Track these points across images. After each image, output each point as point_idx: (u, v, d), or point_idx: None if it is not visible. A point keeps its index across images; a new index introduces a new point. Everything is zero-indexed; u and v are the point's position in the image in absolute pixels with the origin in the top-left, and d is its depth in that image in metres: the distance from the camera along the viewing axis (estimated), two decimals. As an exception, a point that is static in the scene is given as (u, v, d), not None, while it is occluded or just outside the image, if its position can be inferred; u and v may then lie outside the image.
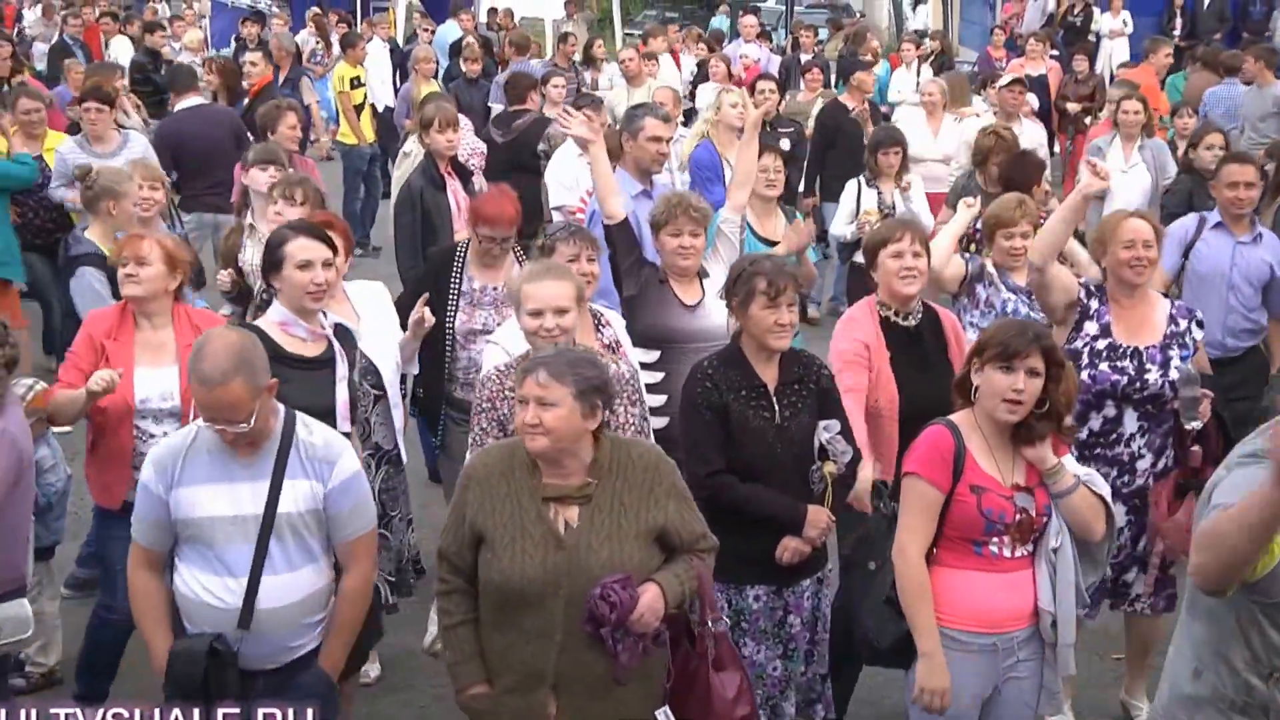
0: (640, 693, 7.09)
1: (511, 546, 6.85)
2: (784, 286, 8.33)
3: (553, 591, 6.80)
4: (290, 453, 6.91)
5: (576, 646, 6.80)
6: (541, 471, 6.94)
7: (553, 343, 8.10)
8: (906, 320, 9.31)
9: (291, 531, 6.89)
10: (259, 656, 6.91)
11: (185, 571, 6.99)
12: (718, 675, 7.27)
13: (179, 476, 6.93)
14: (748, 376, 8.52)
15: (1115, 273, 9.57)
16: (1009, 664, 7.55)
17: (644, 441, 7.54)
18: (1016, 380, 7.12)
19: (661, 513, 7.06)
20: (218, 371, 6.60)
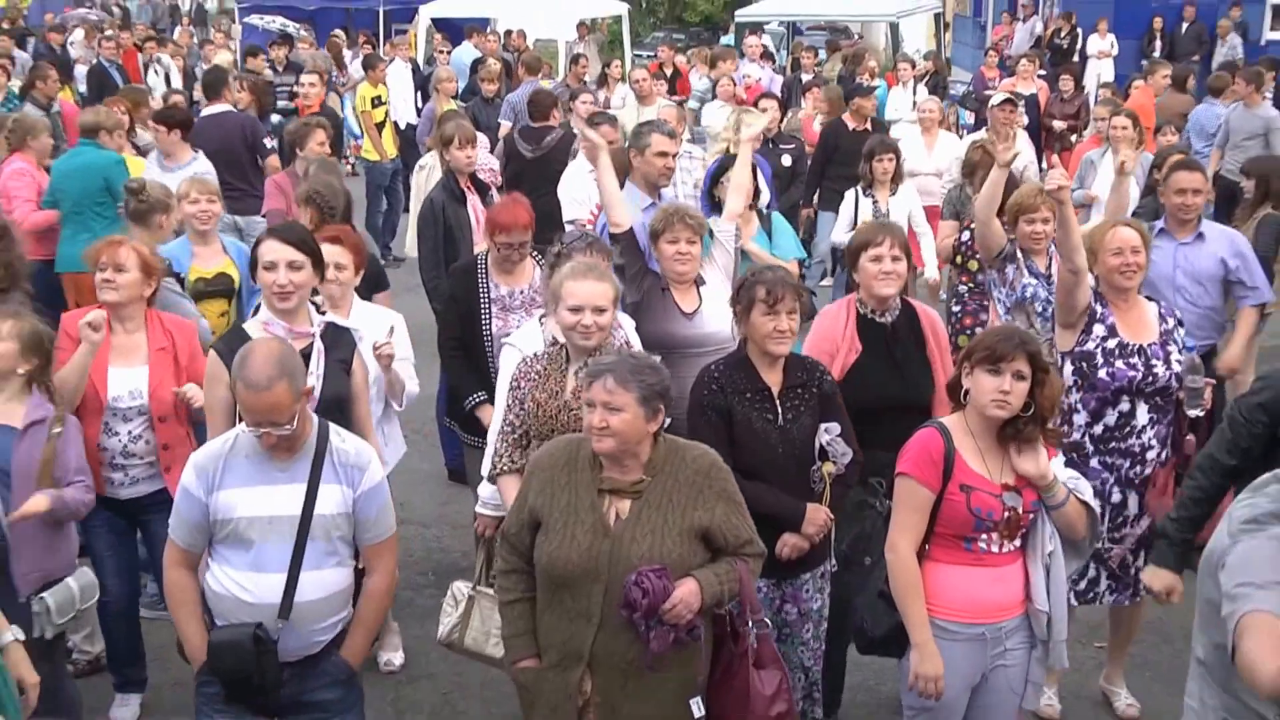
0: (673, 681, 7.12)
1: (563, 531, 6.99)
2: (782, 295, 8.43)
3: (594, 576, 6.93)
4: (325, 459, 7.01)
5: (612, 630, 6.91)
6: (601, 467, 7.09)
7: (587, 339, 8.35)
8: (883, 318, 9.40)
9: (324, 532, 6.98)
10: (293, 648, 7.00)
11: (219, 569, 7.06)
12: (758, 673, 7.34)
13: (219, 480, 7.01)
14: (752, 380, 8.61)
15: (1107, 279, 9.70)
16: (997, 652, 7.65)
17: (700, 446, 7.47)
18: (1003, 382, 7.23)
19: (708, 514, 7.12)
20: (263, 377, 6.71)
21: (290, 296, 8.61)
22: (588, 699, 7.05)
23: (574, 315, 8.33)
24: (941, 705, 7.63)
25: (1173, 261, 11.49)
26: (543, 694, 7.19)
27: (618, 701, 7.01)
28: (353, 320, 9.77)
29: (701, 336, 9.93)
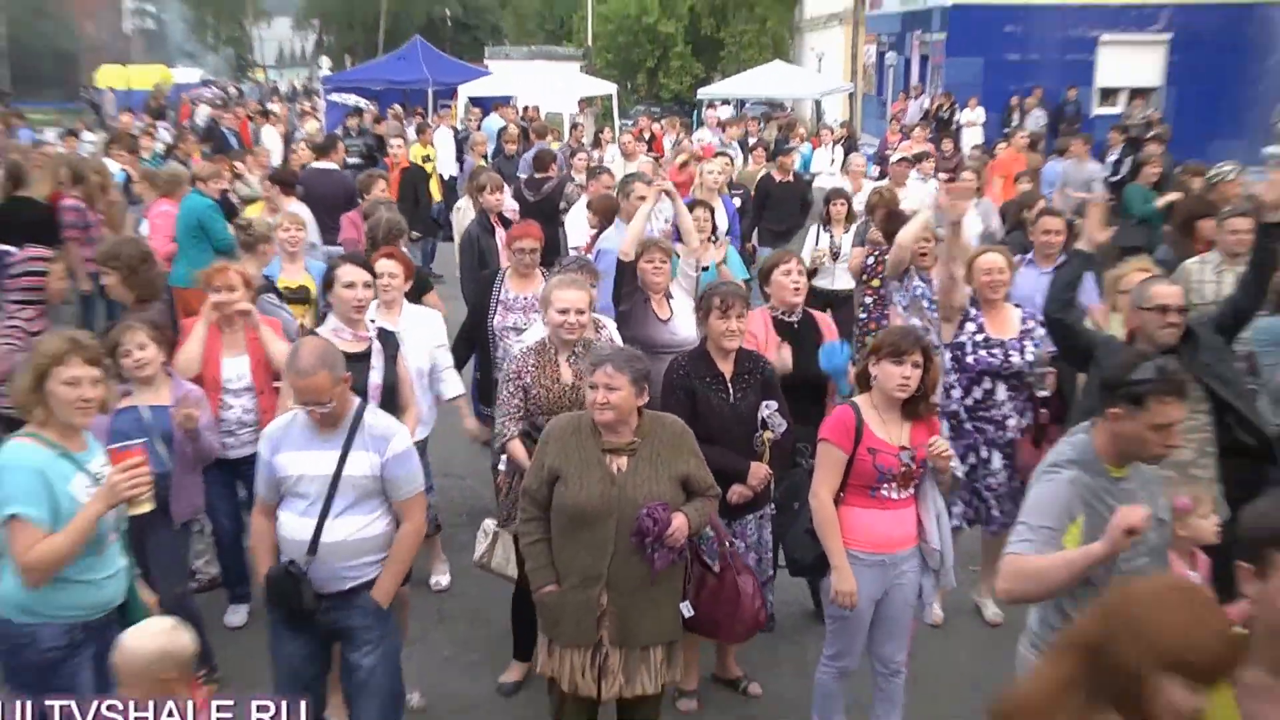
0: (667, 591, 7.42)
1: (579, 481, 7.16)
2: (733, 303, 8.68)
3: (607, 515, 7.12)
4: (357, 432, 7.06)
5: (623, 555, 7.13)
6: (601, 434, 7.25)
7: (570, 334, 8.64)
8: (790, 318, 9.68)
9: (353, 489, 7.00)
10: (323, 579, 7.01)
11: (280, 515, 7.15)
12: (739, 577, 7.89)
13: (280, 445, 7.13)
14: (710, 368, 8.79)
15: (979, 291, 10.19)
16: (894, 574, 7.83)
17: (672, 416, 7.75)
18: (905, 370, 7.51)
19: (685, 465, 7.38)
20: (309, 366, 6.82)
21: (364, 309, 8.97)
22: (604, 610, 7.21)
23: (560, 316, 8.62)
24: (854, 615, 7.83)
25: (1034, 286, 11.40)
26: (566, 611, 7.27)
27: (627, 610, 7.20)
28: (403, 318, 10.07)
29: (672, 339, 10.11)
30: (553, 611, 7.38)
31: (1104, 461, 6.18)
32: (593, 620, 7.24)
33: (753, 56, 66.90)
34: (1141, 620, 3.80)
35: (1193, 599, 3.83)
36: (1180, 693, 3.75)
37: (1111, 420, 6.13)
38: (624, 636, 7.27)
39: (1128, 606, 3.89)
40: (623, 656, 7.29)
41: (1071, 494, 6.04)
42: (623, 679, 7.31)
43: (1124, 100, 43.51)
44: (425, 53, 49.32)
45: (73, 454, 6.53)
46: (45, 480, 6.28)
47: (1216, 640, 3.75)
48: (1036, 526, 6.01)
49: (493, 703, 9.23)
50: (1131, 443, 6.09)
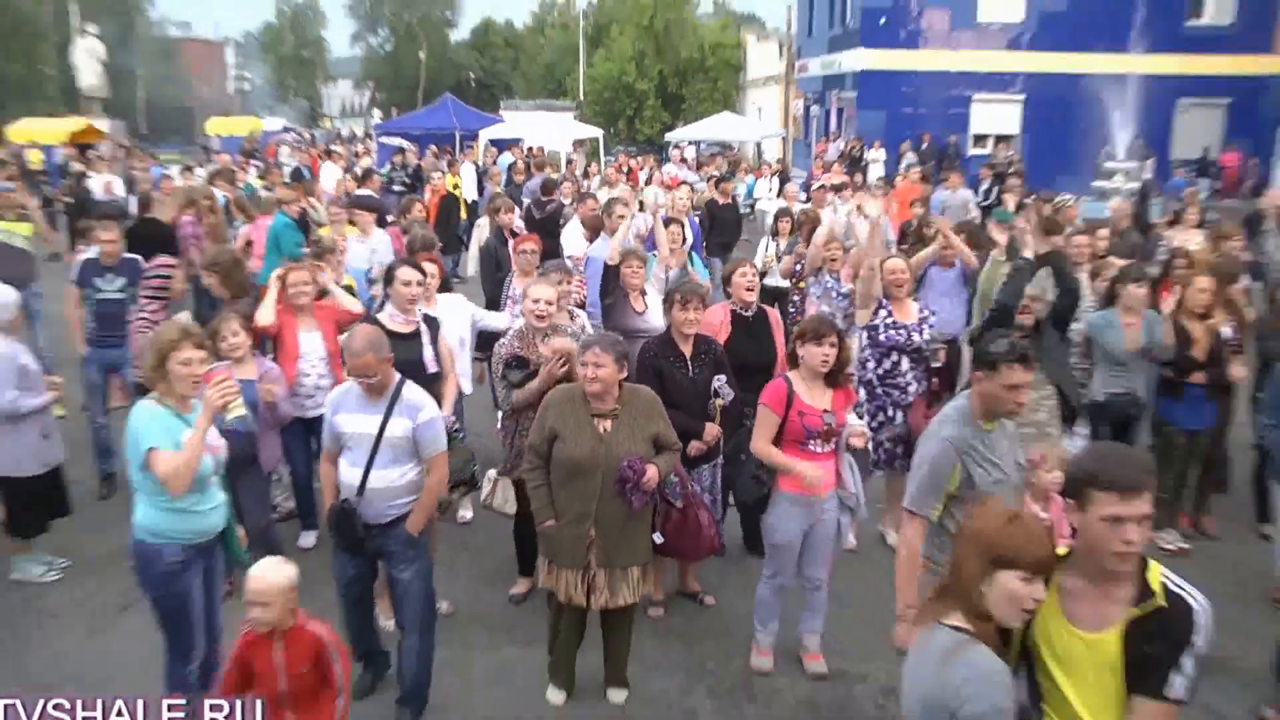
0: (641, 525, 7.52)
1: (574, 438, 7.26)
2: (690, 299, 8.80)
3: (596, 466, 7.22)
4: (396, 403, 7.14)
5: (608, 498, 7.23)
6: (590, 402, 7.29)
7: (541, 321, 8.78)
8: (746, 312, 9.67)
9: (390, 446, 7.10)
10: (369, 514, 7.14)
11: (340, 463, 7.25)
12: (697, 511, 8.03)
13: (339, 408, 7.26)
14: (674, 349, 8.85)
15: (886, 288, 10.22)
16: (818, 511, 7.84)
17: (645, 388, 7.85)
18: (824, 349, 7.63)
19: (655, 426, 7.46)
20: (360, 349, 6.97)
21: (416, 300, 9.13)
22: (591, 540, 7.28)
23: (534, 305, 8.77)
24: (785, 544, 7.91)
25: (942, 289, 12.05)
26: (563, 541, 7.36)
27: (610, 540, 7.31)
28: (439, 305, 10.15)
29: (647, 327, 10.06)
30: (552, 541, 7.44)
31: (976, 417, 6.47)
32: (583, 548, 7.31)
33: (708, 109, 67.33)
34: (980, 531, 4.06)
35: (1019, 516, 4.07)
36: (1016, 583, 3.97)
37: (976, 383, 6.49)
38: (608, 560, 7.35)
39: (971, 524, 4.16)
40: (607, 575, 7.37)
41: (949, 451, 6.37)
42: (608, 593, 7.40)
43: (991, 144, 44.19)
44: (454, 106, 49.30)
45: (183, 415, 6.68)
46: (165, 429, 6.50)
47: (1038, 543, 3.99)
48: (923, 481, 6.48)
49: (505, 609, 9.21)
50: (990, 400, 6.42)
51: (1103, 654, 4.20)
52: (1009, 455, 6.49)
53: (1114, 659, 4.18)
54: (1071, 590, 4.29)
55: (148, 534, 6.58)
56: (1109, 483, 4.08)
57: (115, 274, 11.69)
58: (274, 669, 5.95)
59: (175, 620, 6.72)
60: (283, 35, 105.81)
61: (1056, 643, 4.30)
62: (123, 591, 9.17)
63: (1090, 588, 4.25)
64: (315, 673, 6.01)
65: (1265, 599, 9.29)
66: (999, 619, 4.04)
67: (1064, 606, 4.29)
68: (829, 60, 53.11)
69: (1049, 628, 4.27)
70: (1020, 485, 6.65)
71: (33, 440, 9.45)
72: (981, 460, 6.35)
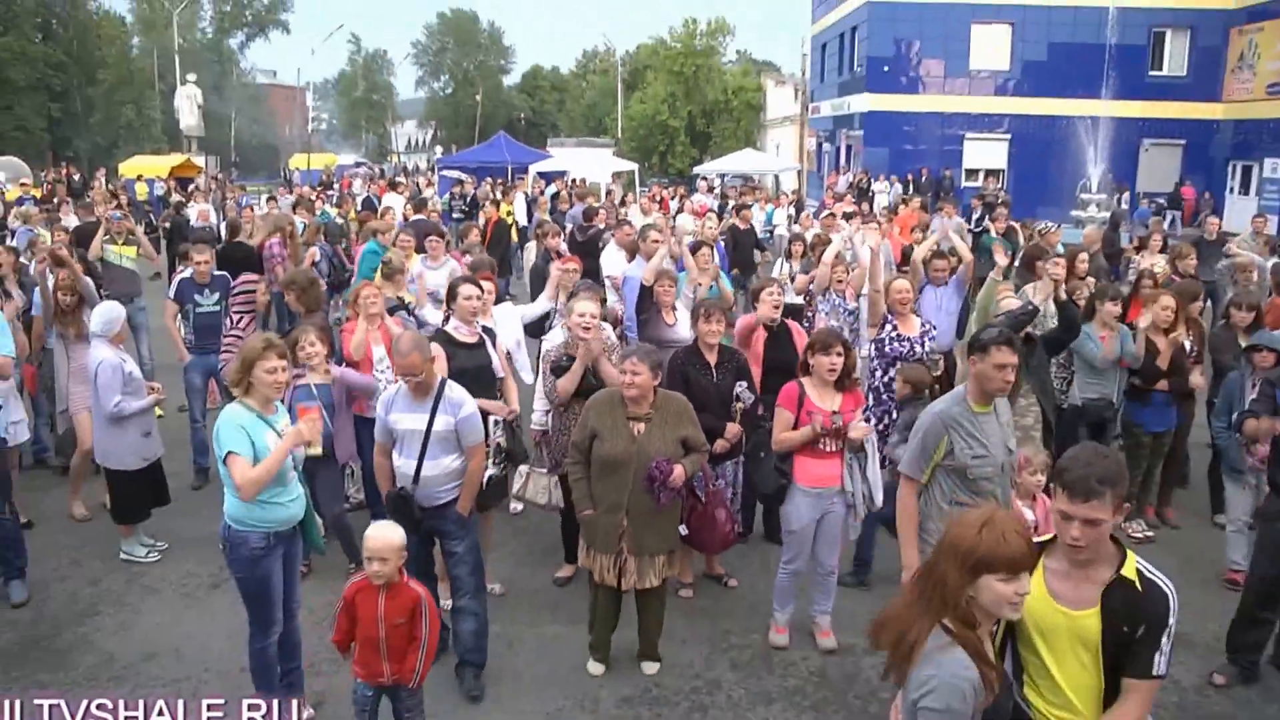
0: (669, 519, 7.51)
1: (611, 438, 7.29)
2: (712, 312, 8.84)
3: (628, 463, 7.24)
4: (440, 400, 7.16)
5: (638, 492, 7.23)
6: (627, 405, 7.30)
7: (586, 333, 8.62)
8: (772, 325, 9.57)
9: (437, 439, 7.14)
10: (424, 498, 7.21)
11: (394, 456, 7.30)
12: (715, 509, 8.00)
13: (390, 407, 7.28)
14: (700, 358, 8.81)
15: (891, 305, 10.19)
16: (827, 503, 7.85)
17: (677, 394, 7.82)
18: (831, 358, 7.69)
19: (685, 430, 7.43)
20: (407, 349, 7.01)
21: (477, 313, 9.06)
22: (623, 529, 7.30)
23: (579, 319, 8.67)
24: (800, 530, 7.91)
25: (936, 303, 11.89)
26: (598, 528, 7.38)
27: (640, 530, 7.30)
28: (495, 315, 10.18)
29: (676, 339, 9.93)
30: (589, 528, 7.48)
31: (969, 400, 6.53)
32: (615, 536, 7.35)
33: (732, 145, 67.71)
34: (955, 543, 3.89)
35: (989, 521, 3.89)
36: (998, 584, 3.82)
37: (971, 365, 6.54)
38: (637, 547, 7.37)
39: (946, 538, 3.99)
40: (636, 561, 7.39)
41: (938, 423, 6.47)
42: (635, 576, 7.42)
43: (981, 177, 44.48)
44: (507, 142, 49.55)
45: (265, 417, 6.65)
46: (247, 433, 6.48)
47: (1011, 543, 3.82)
48: (915, 448, 6.60)
49: (550, 590, 9.17)
50: (983, 379, 6.47)
51: (1082, 629, 4.24)
52: (997, 437, 6.51)
53: (1093, 635, 4.22)
54: (1055, 570, 4.31)
55: (235, 522, 6.57)
56: (1066, 483, 4.14)
57: (209, 290, 11.85)
58: (375, 617, 6.08)
59: (258, 598, 6.73)
60: (355, 81, 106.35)
61: (1041, 617, 4.31)
62: (213, 572, 9.25)
63: (1071, 568, 4.28)
64: (408, 626, 6.14)
65: (1218, 579, 9.32)
66: (996, 616, 3.96)
67: (1048, 584, 4.30)
68: (839, 102, 53.58)
69: (1034, 603, 4.24)
70: (1007, 465, 6.61)
71: (135, 439, 9.53)
72: (965, 436, 6.43)
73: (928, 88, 47.11)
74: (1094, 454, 4.24)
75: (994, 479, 6.49)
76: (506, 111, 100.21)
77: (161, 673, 7.66)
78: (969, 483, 6.47)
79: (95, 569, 9.53)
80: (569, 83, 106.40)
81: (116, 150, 72.13)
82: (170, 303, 11.92)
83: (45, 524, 10.47)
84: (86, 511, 10.65)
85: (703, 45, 76.28)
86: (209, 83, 73.09)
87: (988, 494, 6.44)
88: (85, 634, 8.29)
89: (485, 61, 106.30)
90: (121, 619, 8.57)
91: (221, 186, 39.62)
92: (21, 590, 8.84)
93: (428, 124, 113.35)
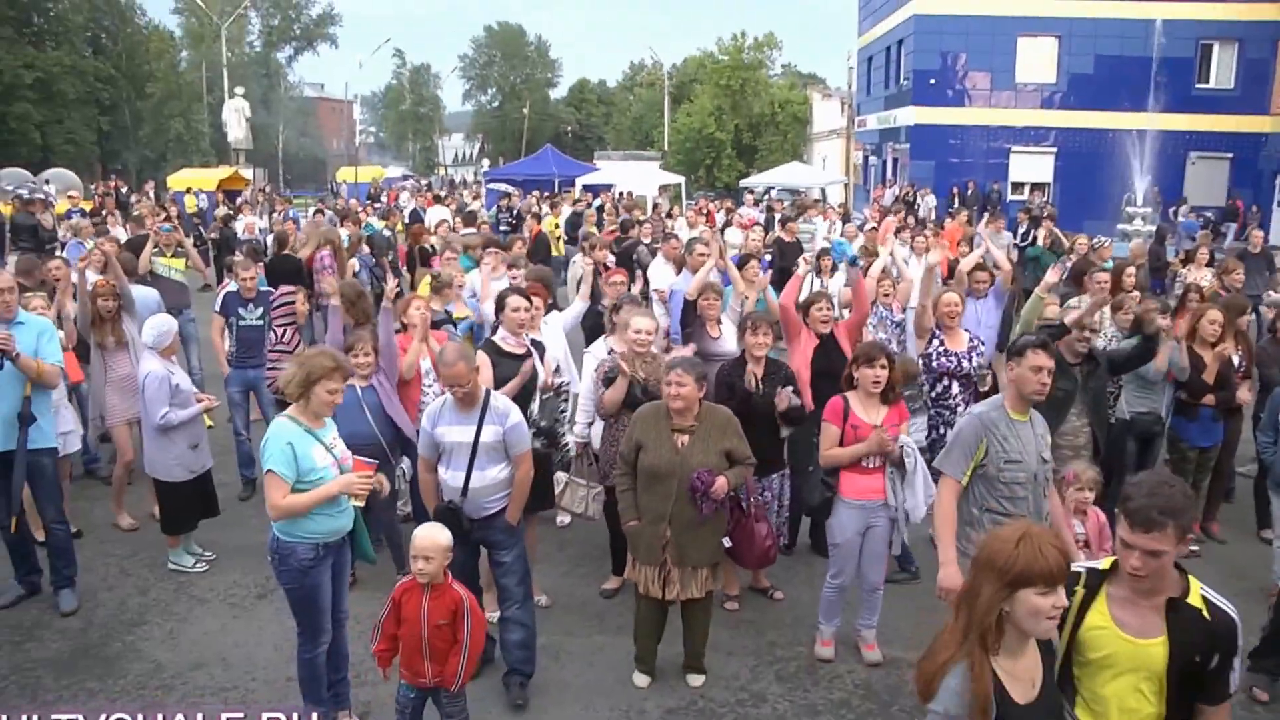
0: (712, 530, 7.50)
1: (655, 450, 7.35)
2: (760, 324, 8.87)
3: (671, 474, 7.28)
4: (487, 411, 7.20)
5: (681, 503, 7.27)
6: (672, 417, 7.37)
7: (643, 349, 8.69)
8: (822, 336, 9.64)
9: (485, 450, 7.18)
10: (472, 509, 7.24)
11: (441, 469, 7.30)
12: (756, 524, 7.85)
13: (437, 421, 7.28)
14: (746, 370, 8.80)
15: (940, 319, 10.12)
16: (871, 516, 7.86)
17: (721, 407, 7.82)
18: (875, 371, 7.75)
19: (729, 442, 7.45)
20: (452, 360, 7.06)
21: (524, 325, 9.08)
22: (667, 540, 7.35)
23: (635, 335, 8.70)
24: (845, 543, 7.92)
25: (976, 316, 11.66)
26: (642, 538, 7.43)
27: (683, 541, 7.33)
28: (546, 327, 10.17)
29: (721, 352, 9.95)
30: (634, 538, 7.53)
31: (1007, 407, 6.59)
32: (659, 546, 7.39)
33: (778, 158, 67.46)
34: (991, 558, 3.90)
35: (1029, 532, 3.90)
36: (1035, 598, 3.82)
37: (1009, 370, 6.63)
38: (680, 559, 7.40)
39: (982, 553, 3.98)
40: (679, 572, 7.42)
41: (977, 424, 6.55)
42: (679, 586, 7.45)
43: (1027, 191, 44.54)
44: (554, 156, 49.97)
45: (314, 430, 6.68)
46: (293, 448, 6.50)
47: (1049, 556, 3.83)
48: (954, 447, 6.62)
49: (597, 602, 9.17)
50: (1020, 382, 6.55)
51: (1148, 658, 4.21)
52: (1032, 446, 6.55)
53: (1158, 663, 4.20)
54: (1117, 598, 4.27)
55: (283, 534, 6.60)
56: (1128, 512, 4.10)
57: (254, 304, 12.01)
58: (419, 616, 6.23)
59: (306, 608, 6.77)
60: (402, 94, 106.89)
61: (1104, 644, 4.27)
62: (260, 582, 9.33)
63: (1135, 596, 4.24)
64: (451, 628, 6.27)
65: (1263, 594, 9.19)
66: (1029, 633, 3.94)
67: (1112, 611, 4.26)
68: (885, 116, 53.44)
69: (1097, 630, 4.24)
70: (1041, 475, 6.60)
71: (182, 450, 9.62)
72: (1000, 440, 6.47)
73: (974, 101, 46.88)
74: (1158, 483, 4.17)
75: (1026, 486, 6.52)
76: (553, 125, 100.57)
77: (209, 682, 7.71)
78: (1001, 489, 6.51)
79: (144, 578, 9.62)
80: (616, 96, 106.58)
81: (165, 163, 72.99)
82: (216, 316, 12.08)
83: (94, 533, 10.57)
84: (134, 521, 10.76)
85: (750, 59, 76.32)
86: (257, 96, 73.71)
87: (1019, 501, 6.50)
88: (133, 642, 8.36)
89: (532, 75, 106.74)
90: (169, 628, 8.63)
91: (270, 199, 40.01)
92: (71, 599, 8.93)
93: (475, 137, 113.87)
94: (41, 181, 41.53)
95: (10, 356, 8.26)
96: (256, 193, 45.03)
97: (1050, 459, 6.73)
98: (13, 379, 8.40)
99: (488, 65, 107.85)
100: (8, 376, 8.34)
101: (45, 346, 8.64)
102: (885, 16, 53.22)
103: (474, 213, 25.06)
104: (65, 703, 7.34)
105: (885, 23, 53.28)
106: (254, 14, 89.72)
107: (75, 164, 64.07)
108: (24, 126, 68.63)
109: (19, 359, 8.31)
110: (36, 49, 70.76)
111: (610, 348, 9.50)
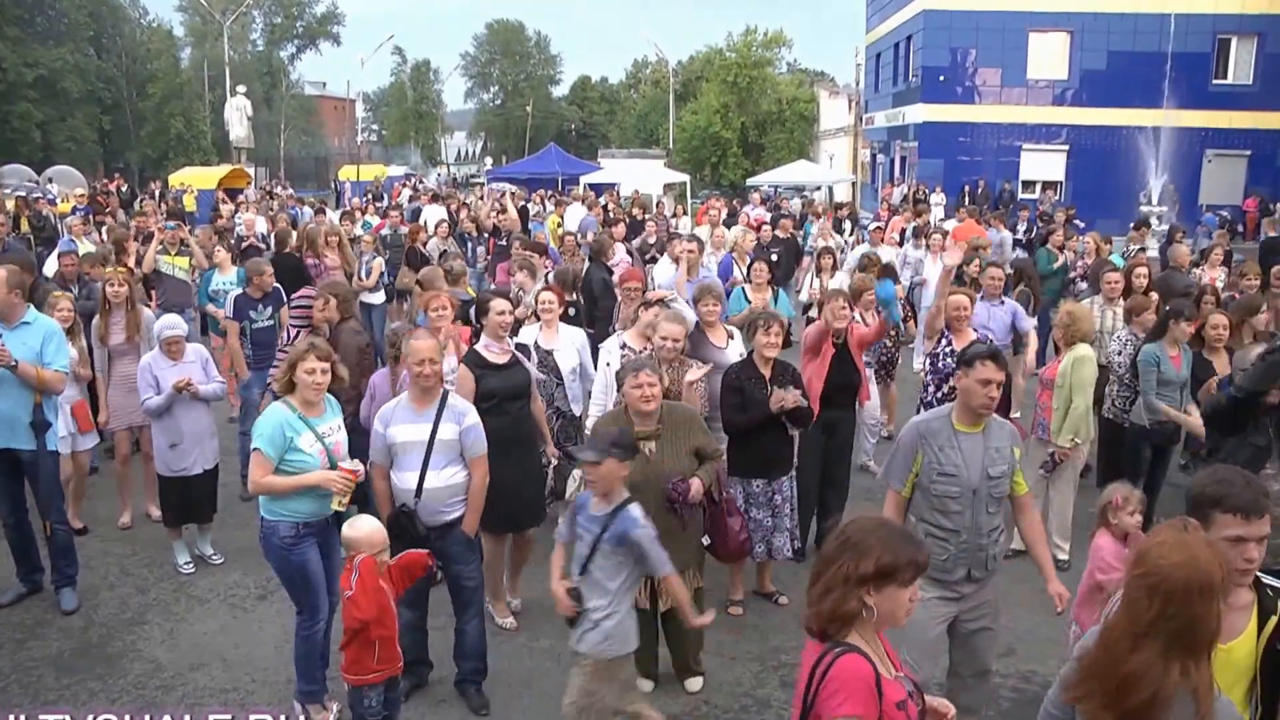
0: (692, 533, 7.57)
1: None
2: (771, 324, 8.79)
3: (646, 484, 7.08)
4: (444, 410, 7.15)
5: (658, 513, 6.94)
6: (635, 425, 7.28)
7: (669, 354, 8.62)
8: (838, 339, 9.69)
9: (441, 450, 7.09)
10: (427, 516, 7.12)
11: (393, 474, 7.18)
12: (729, 519, 8.01)
13: (390, 420, 7.17)
14: (755, 371, 8.81)
15: (948, 320, 10.12)
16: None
17: (683, 404, 7.93)
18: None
19: (695, 440, 7.50)
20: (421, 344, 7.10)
21: (508, 329, 8.89)
22: None
23: (664, 340, 8.64)
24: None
25: (987, 315, 11.78)
26: None
27: (667, 543, 6.85)
28: (559, 335, 10.20)
29: (723, 358, 9.72)
30: None
31: (954, 418, 6.31)
32: None
33: (785, 156, 67.47)
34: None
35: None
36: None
37: (958, 381, 6.37)
38: None
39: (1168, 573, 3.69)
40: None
41: (914, 434, 6.36)
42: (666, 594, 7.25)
43: (1039, 189, 44.53)
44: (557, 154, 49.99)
45: (308, 418, 6.93)
46: (283, 432, 6.82)
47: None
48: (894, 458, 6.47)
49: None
50: (967, 393, 6.24)
51: (1234, 660, 4.16)
52: (978, 460, 6.17)
53: (1246, 663, 4.18)
54: None
55: (267, 511, 6.92)
56: (1236, 507, 4.07)
57: (264, 304, 12.20)
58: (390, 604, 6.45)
59: (297, 585, 7.07)
60: (404, 92, 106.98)
61: None
62: (260, 583, 9.39)
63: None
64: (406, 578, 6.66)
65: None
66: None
67: (1226, 620, 4.04)
68: (893, 113, 53.41)
69: None
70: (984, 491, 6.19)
71: (161, 446, 9.81)
72: (936, 451, 6.18)
73: (984, 98, 46.76)
74: (1239, 474, 4.21)
75: (960, 501, 6.19)
76: (556, 122, 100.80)
77: (209, 682, 7.75)
78: (934, 501, 6.23)
79: (144, 577, 9.71)
80: (619, 93, 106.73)
81: (166, 162, 73.10)
82: (231, 322, 12.21)
83: (96, 531, 10.72)
84: (128, 520, 10.98)
85: (758, 56, 76.35)
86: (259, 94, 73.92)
87: (952, 515, 6.19)
88: (134, 642, 8.42)
89: (534, 73, 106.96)
90: (169, 628, 8.68)
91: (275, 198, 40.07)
92: (72, 598, 9.01)
93: (477, 135, 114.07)
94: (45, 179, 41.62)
95: (8, 366, 8.34)
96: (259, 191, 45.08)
97: (999, 475, 6.26)
98: (17, 382, 8.48)
99: (489, 63, 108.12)
100: (11, 378, 8.43)
101: (50, 351, 8.68)
102: (894, 12, 53.11)
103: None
104: (66, 702, 7.41)
105: (894, 18, 53.17)
106: (257, 12, 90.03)
107: (77, 162, 64.37)
108: (26, 125, 69.04)
109: (18, 367, 8.38)
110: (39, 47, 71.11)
111: (623, 342, 9.60)
